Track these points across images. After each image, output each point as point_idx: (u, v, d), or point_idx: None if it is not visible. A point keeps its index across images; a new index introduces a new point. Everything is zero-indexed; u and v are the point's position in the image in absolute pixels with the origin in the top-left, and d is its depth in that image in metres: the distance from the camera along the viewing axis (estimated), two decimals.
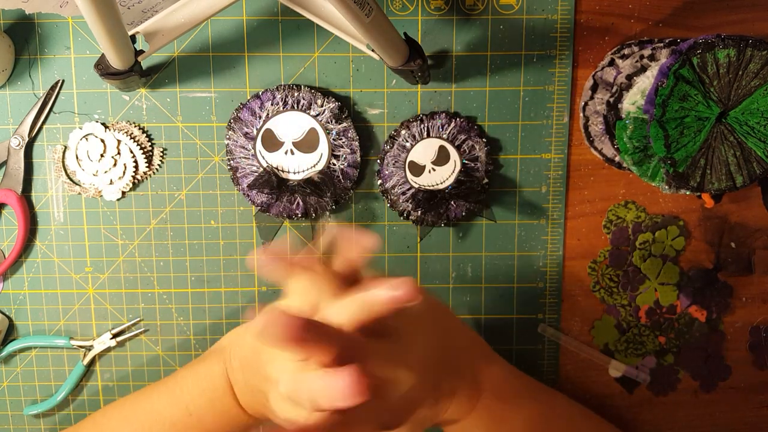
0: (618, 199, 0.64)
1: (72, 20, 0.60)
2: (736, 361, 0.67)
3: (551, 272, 0.65)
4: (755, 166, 0.52)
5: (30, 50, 0.60)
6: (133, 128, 0.62)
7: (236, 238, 0.64)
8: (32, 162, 0.62)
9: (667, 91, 0.50)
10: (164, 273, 0.64)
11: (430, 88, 0.62)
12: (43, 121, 0.62)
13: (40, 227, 0.63)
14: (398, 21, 0.61)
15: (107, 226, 0.63)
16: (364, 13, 0.47)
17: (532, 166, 0.63)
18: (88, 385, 0.66)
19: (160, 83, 0.61)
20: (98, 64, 0.53)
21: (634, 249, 0.64)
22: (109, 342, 0.65)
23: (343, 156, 0.61)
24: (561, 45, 0.61)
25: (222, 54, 0.61)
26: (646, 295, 0.65)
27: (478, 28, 0.61)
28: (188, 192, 0.63)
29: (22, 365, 0.66)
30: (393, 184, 0.62)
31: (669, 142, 0.51)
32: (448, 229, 0.64)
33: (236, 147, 0.61)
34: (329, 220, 0.64)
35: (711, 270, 0.65)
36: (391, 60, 0.53)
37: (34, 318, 0.65)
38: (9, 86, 0.61)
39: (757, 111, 0.51)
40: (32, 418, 0.66)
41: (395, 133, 0.62)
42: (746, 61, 0.50)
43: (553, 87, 0.62)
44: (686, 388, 0.68)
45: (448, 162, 0.62)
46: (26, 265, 0.64)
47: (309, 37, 0.61)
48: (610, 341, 0.66)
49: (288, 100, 0.61)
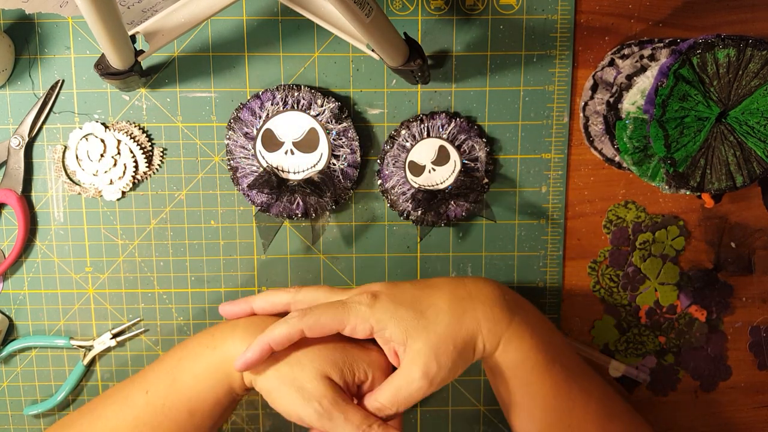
0: (618, 199, 0.64)
1: (72, 20, 0.60)
2: (736, 361, 0.67)
3: (551, 272, 0.65)
4: (755, 166, 0.52)
5: (30, 50, 0.60)
6: (133, 128, 0.62)
7: (236, 238, 0.64)
8: (32, 162, 0.62)
9: (667, 91, 0.50)
10: (164, 273, 0.64)
11: (430, 88, 0.62)
12: (43, 121, 0.62)
13: (40, 227, 0.63)
14: (398, 21, 0.61)
15: (107, 226, 0.63)
16: (364, 13, 0.47)
17: (532, 166, 0.63)
18: (88, 385, 0.66)
19: (160, 83, 0.61)
20: (98, 64, 0.53)
21: (634, 249, 0.64)
22: (109, 342, 0.65)
23: (343, 156, 0.61)
24: (561, 45, 0.61)
25: (222, 54, 0.61)
26: (646, 295, 0.65)
27: (478, 28, 0.61)
28: (188, 192, 0.63)
29: (22, 365, 0.66)
30: (393, 184, 0.62)
31: (669, 142, 0.51)
32: (448, 229, 0.64)
33: (236, 147, 0.61)
34: (329, 220, 0.64)
35: (711, 270, 0.65)
36: (391, 60, 0.53)
37: (34, 318, 0.65)
38: (9, 86, 0.61)
39: (757, 111, 0.51)
40: (32, 418, 0.66)
41: (395, 133, 0.62)
42: (746, 61, 0.50)
43: (553, 87, 0.62)
44: (686, 388, 0.68)
45: (448, 162, 0.62)
46: (26, 265, 0.64)
47: (309, 37, 0.61)
48: (610, 341, 0.66)
49: (288, 100, 0.61)
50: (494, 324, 0.52)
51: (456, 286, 0.54)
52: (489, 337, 0.52)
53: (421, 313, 0.52)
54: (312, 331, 0.52)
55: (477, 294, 0.53)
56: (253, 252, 0.64)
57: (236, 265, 0.64)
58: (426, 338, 0.51)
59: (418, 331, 0.51)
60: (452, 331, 0.51)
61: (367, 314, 0.52)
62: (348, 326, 0.52)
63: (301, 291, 0.57)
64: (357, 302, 0.52)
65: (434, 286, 0.55)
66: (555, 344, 0.55)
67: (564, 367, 0.55)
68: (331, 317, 0.52)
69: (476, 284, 0.55)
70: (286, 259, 0.64)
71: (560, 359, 0.55)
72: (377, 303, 0.52)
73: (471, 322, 0.52)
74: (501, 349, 0.53)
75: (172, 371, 0.55)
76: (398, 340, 0.52)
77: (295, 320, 0.52)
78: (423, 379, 0.51)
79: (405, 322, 0.52)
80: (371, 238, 0.64)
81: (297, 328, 0.51)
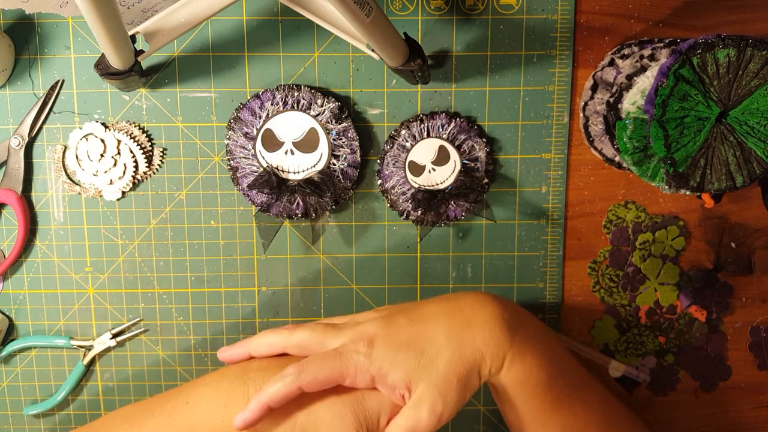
0: (618, 199, 0.64)
1: (72, 20, 0.60)
2: (736, 361, 0.67)
3: (551, 272, 0.65)
4: (755, 166, 0.52)
5: (30, 50, 0.60)
6: (133, 128, 0.62)
7: (236, 238, 0.64)
8: (32, 162, 0.62)
9: (667, 91, 0.50)
10: (164, 273, 0.64)
11: (430, 88, 0.62)
12: (43, 121, 0.62)
13: (40, 227, 0.63)
14: (398, 21, 0.61)
15: (107, 226, 0.63)
16: (364, 13, 0.47)
17: (532, 166, 0.63)
18: (88, 385, 0.66)
19: (160, 83, 0.61)
20: (98, 64, 0.53)
21: (634, 249, 0.64)
22: (109, 342, 0.65)
23: (343, 156, 0.61)
24: (561, 45, 0.61)
25: (222, 54, 0.61)
26: (646, 295, 0.65)
27: (478, 28, 0.61)
28: (188, 192, 0.63)
29: (22, 365, 0.66)
30: (393, 184, 0.62)
31: (669, 142, 0.51)
32: (448, 229, 0.64)
33: (236, 147, 0.61)
34: (329, 220, 0.64)
35: (711, 270, 0.65)
36: (391, 60, 0.53)
37: (34, 318, 0.65)
38: (9, 86, 0.61)
39: (757, 111, 0.51)
40: (32, 418, 0.66)
41: (395, 133, 0.62)
42: (746, 61, 0.50)
43: (553, 87, 0.62)
44: (686, 388, 0.68)
45: (448, 162, 0.62)
46: (26, 265, 0.64)
47: (309, 37, 0.61)
48: (610, 341, 0.66)
49: (288, 100, 0.61)
50: (496, 348, 0.51)
51: (453, 314, 0.53)
52: (492, 361, 0.52)
53: (420, 353, 0.51)
54: (310, 387, 0.50)
55: (474, 319, 0.52)
56: (253, 252, 0.64)
57: (236, 265, 0.64)
58: (429, 380, 0.50)
59: (419, 373, 0.50)
60: (454, 366, 0.51)
61: (365, 365, 0.51)
62: (348, 379, 0.51)
63: (294, 333, 0.54)
64: (354, 351, 0.51)
65: (431, 317, 0.53)
66: (557, 357, 0.55)
67: (565, 381, 0.54)
68: (329, 372, 0.50)
69: (473, 307, 0.53)
70: (286, 259, 0.64)
71: (562, 372, 0.54)
72: (374, 350, 0.51)
73: (472, 352, 0.51)
74: (504, 370, 0.52)
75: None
76: (401, 386, 0.51)
77: (292, 378, 0.50)
78: (431, 417, 0.50)
79: (405, 365, 0.50)
80: (371, 238, 0.64)
81: (294, 386, 0.50)
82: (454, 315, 0.53)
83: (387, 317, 0.53)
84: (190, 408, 0.53)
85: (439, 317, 0.53)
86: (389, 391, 0.51)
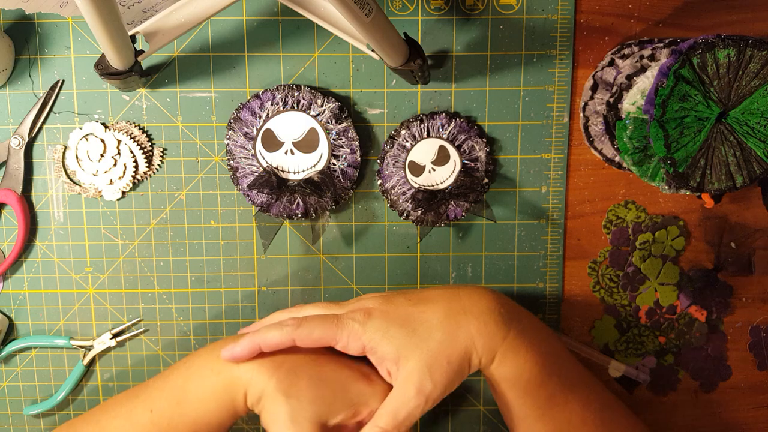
0: (618, 199, 0.64)
1: (72, 20, 0.60)
2: (736, 361, 0.67)
3: (551, 272, 0.65)
4: (755, 166, 0.52)
5: (30, 50, 0.60)
6: (133, 128, 0.62)
7: (236, 238, 0.64)
8: (32, 162, 0.62)
9: (667, 91, 0.50)
10: (164, 273, 0.64)
11: (430, 88, 0.62)
12: (43, 121, 0.62)
13: (40, 227, 0.63)
14: (398, 21, 0.61)
15: (107, 226, 0.63)
16: (364, 13, 0.47)
17: (532, 166, 0.63)
18: (88, 385, 0.66)
19: (160, 83, 0.61)
20: (98, 64, 0.53)
21: (634, 249, 0.64)
22: (109, 342, 0.65)
23: (343, 156, 0.61)
24: (561, 45, 0.61)
25: (222, 54, 0.61)
26: (646, 295, 0.65)
27: (478, 28, 0.61)
28: (188, 192, 0.63)
29: (22, 365, 0.66)
30: (393, 184, 0.62)
31: (669, 142, 0.51)
32: (448, 229, 0.64)
33: (236, 147, 0.61)
34: (329, 220, 0.64)
35: (711, 270, 0.65)
36: (391, 60, 0.53)
37: (34, 318, 0.65)
38: (9, 86, 0.61)
39: (757, 111, 0.51)
40: (32, 418, 0.66)
41: (395, 133, 0.62)
42: (746, 61, 0.50)
43: (553, 87, 0.62)
44: (686, 388, 0.68)
45: (448, 162, 0.62)
46: (26, 265, 0.64)
47: (309, 37, 0.61)
48: (610, 341, 0.66)
49: (288, 100, 0.61)
50: (489, 339, 0.52)
51: (451, 300, 0.54)
52: (484, 352, 0.52)
53: (413, 331, 0.52)
54: (303, 342, 0.53)
55: (471, 308, 0.53)
56: (253, 252, 0.64)
57: (236, 265, 0.64)
58: (418, 356, 0.51)
59: (409, 349, 0.51)
60: (445, 348, 0.51)
61: (359, 332, 0.52)
62: (340, 342, 0.52)
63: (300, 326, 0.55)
64: (351, 319, 0.53)
65: (429, 300, 0.54)
66: (553, 354, 0.55)
67: (561, 378, 0.55)
68: (324, 332, 0.52)
69: (471, 297, 0.54)
70: (286, 259, 0.64)
71: (558, 370, 0.55)
72: (370, 321, 0.52)
73: (465, 338, 0.52)
74: (496, 363, 0.53)
75: (177, 393, 0.55)
76: (391, 359, 0.52)
77: (289, 329, 0.53)
78: (418, 396, 0.50)
79: (397, 340, 0.52)
80: (371, 238, 0.64)
81: (289, 337, 0.53)
82: (452, 302, 0.54)
83: (387, 295, 0.56)
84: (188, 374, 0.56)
85: (437, 301, 0.54)
86: (378, 363, 0.53)
